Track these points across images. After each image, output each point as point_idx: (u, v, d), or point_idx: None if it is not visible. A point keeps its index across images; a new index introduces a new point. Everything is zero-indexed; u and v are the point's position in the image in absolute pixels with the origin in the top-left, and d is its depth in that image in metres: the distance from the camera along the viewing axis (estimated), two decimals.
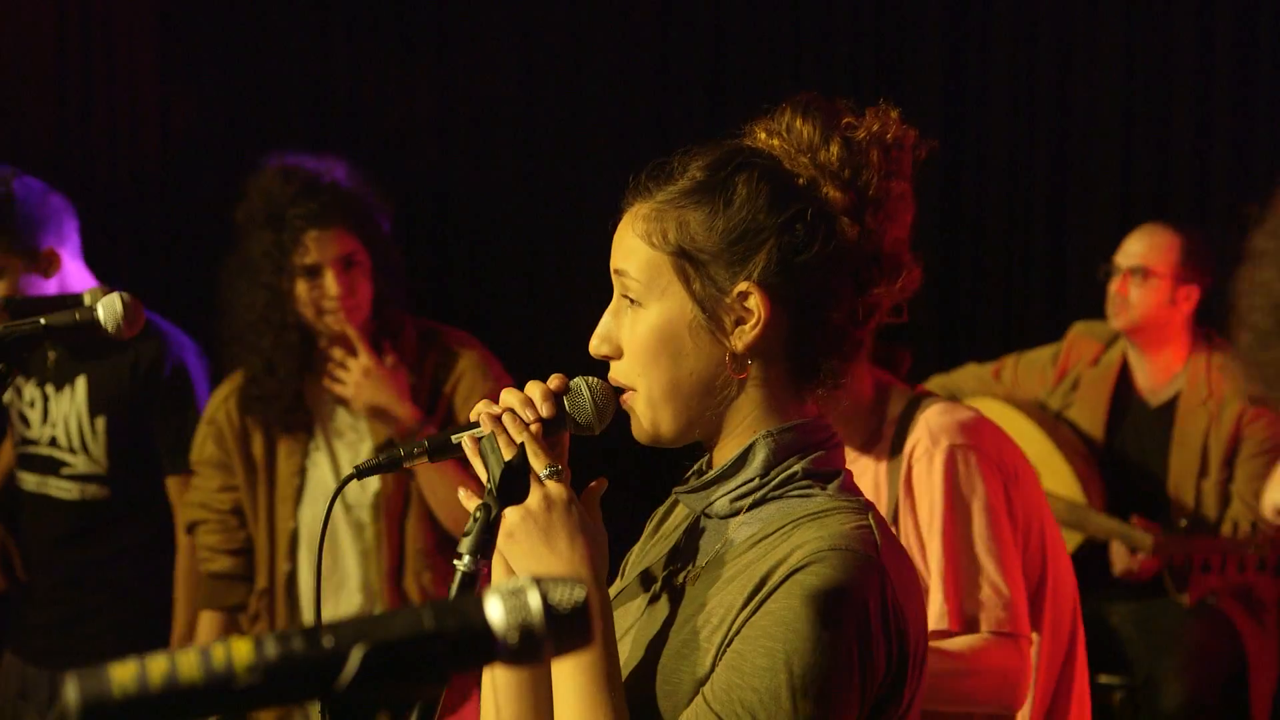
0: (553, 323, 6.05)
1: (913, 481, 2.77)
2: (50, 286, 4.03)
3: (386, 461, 1.90)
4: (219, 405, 3.91)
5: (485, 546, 1.74)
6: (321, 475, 3.83)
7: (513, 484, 1.76)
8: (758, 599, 1.70)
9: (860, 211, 1.78)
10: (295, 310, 3.76)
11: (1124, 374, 4.97)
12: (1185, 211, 5.65)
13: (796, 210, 1.77)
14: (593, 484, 1.87)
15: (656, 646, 1.81)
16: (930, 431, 2.76)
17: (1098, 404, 4.95)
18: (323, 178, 3.76)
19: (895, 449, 2.81)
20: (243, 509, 3.91)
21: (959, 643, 2.68)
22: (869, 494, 2.80)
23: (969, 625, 2.69)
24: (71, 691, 1.06)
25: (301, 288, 3.74)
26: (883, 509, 2.80)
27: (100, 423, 4.12)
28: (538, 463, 1.81)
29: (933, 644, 2.61)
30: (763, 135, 1.84)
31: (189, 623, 4.04)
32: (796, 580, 1.68)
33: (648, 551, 2.01)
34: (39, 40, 6.19)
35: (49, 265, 4.01)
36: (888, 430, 2.83)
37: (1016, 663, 2.69)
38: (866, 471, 2.83)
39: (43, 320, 2.28)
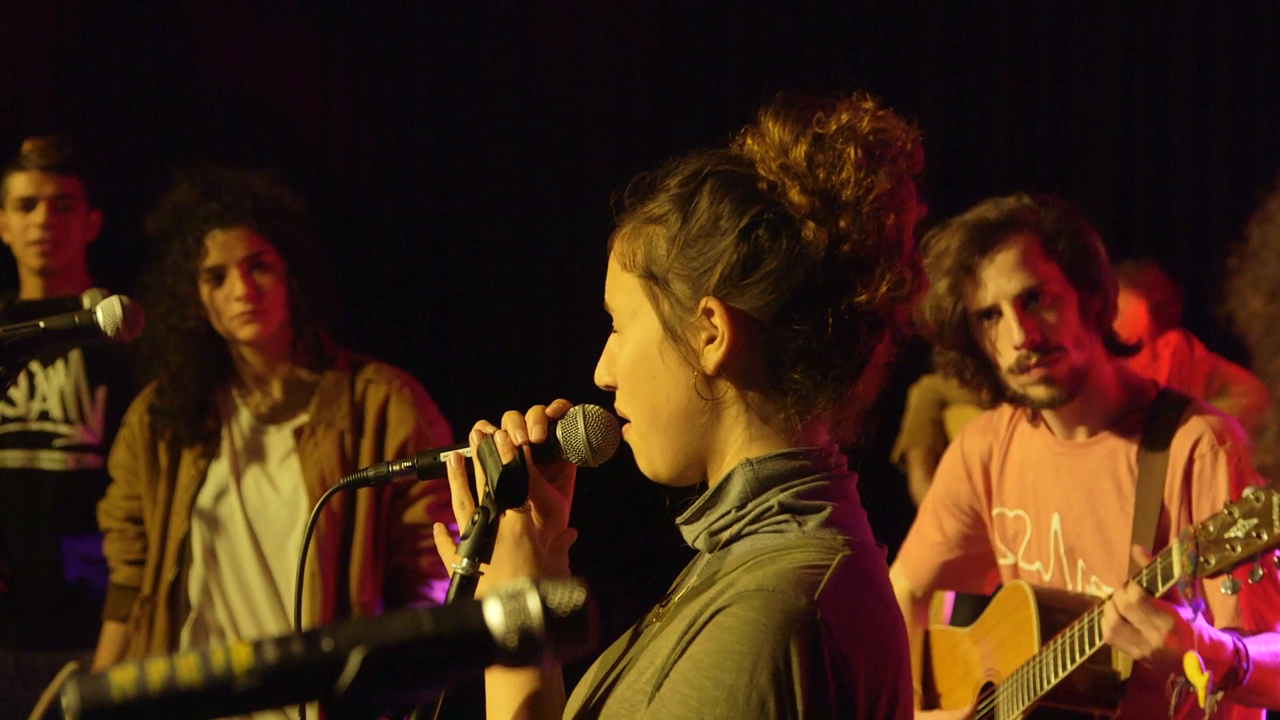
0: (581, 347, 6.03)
1: (1193, 475, 2.85)
2: (79, 249, 4.22)
3: (374, 476, 1.88)
4: (134, 410, 3.86)
5: (484, 549, 1.73)
6: (220, 485, 3.74)
7: (511, 486, 1.75)
8: (685, 640, 1.62)
9: (830, 214, 1.65)
10: (201, 317, 3.67)
11: None
12: (1184, 217, 5.65)
13: (754, 217, 1.67)
14: (562, 533, 1.81)
15: (604, 684, 1.75)
16: (1214, 429, 2.86)
17: None
18: (227, 179, 3.67)
19: (1153, 440, 2.90)
20: (141, 518, 3.84)
21: (1270, 639, 2.77)
22: (1104, 477, 2.92)
23: (1260, 623, 2.78)
24: (71, 694, 1.06)
25: (206, 292, 3.65)
26: (1127, 489, 2.91)
27: (101, 393, 4.16)
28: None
29: (1255, 643, 2.70)
30: (750, 139, 1.73)
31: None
32: (717, 622, 1.59)
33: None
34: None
35: (90, 229, 4.31)
36: (1134, 416, 2.95)
37: None
38: (1115, 452, 2.94)
39: (42, 324, 2.27)
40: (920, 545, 3.27)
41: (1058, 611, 2.87)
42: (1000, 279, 2.91)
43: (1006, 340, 2.91)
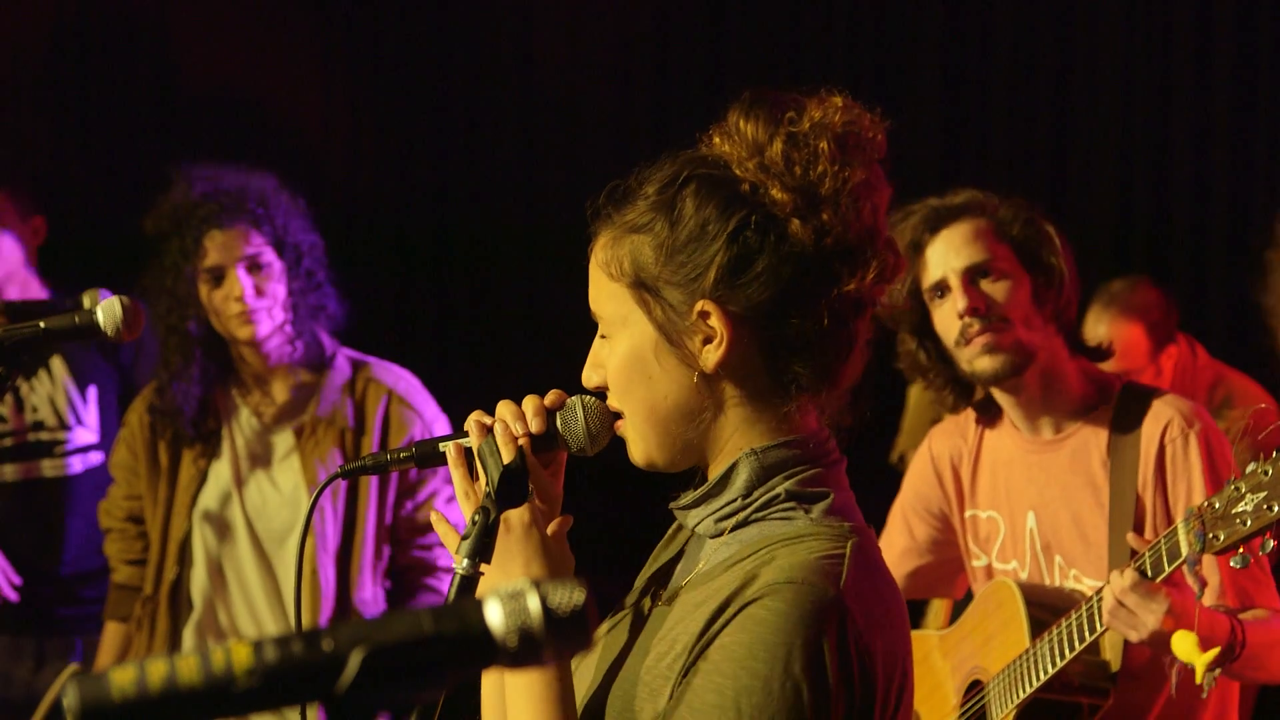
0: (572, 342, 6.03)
1: (1166, 460, 2.85)
2: (19, 259, 4.16)
3: (373, 465, 1.89)
4: (134, 410, 3.86)
5: (484, 550, 1.74)
6: (221, 485, 3.74)
7: (511, 486, 1.75)
8: (714, 629, 1.66)
9: (812, 209, 1.70)
10: (200, 317, 3.68)
11: None
12: (1184, 220, 5.65)
13: (741, 219, 1.71)
14: (557, 519, 1.83)
15: (618, 669, 1.77)
16: (1182, 414, 2.86)
17: None
18: (226, 180, 3.68)
19: (1122, 430, 2.89)
20: (142, 517, 3.85)
21: (1260, 615, 2.77)
22: (1076, 471, 2.91)
23: (1244, 599, 2.79)
24: (71, 695, 1.06)
25: (205, 292, 3.66)
26: (1100, 481, 2.91)
27: (92, 392, 4.17)
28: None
29: (1248, 619, 2.71)
30: (717, 140, 1.77)
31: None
32: (748, 613, 1.64)
33: (649, 568, 1.97)
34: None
35: (36, 235, 4.25)
36: (1101, 409, 2.94)
37: None
38: (1085, 445, 2.93)
39: (42, 324, 2.27)
40: (889, 554, 3.21)
41: (1043, 606, 2.88)
42: (949, 253, 2.93)
43: (952, 311, 2.92)
